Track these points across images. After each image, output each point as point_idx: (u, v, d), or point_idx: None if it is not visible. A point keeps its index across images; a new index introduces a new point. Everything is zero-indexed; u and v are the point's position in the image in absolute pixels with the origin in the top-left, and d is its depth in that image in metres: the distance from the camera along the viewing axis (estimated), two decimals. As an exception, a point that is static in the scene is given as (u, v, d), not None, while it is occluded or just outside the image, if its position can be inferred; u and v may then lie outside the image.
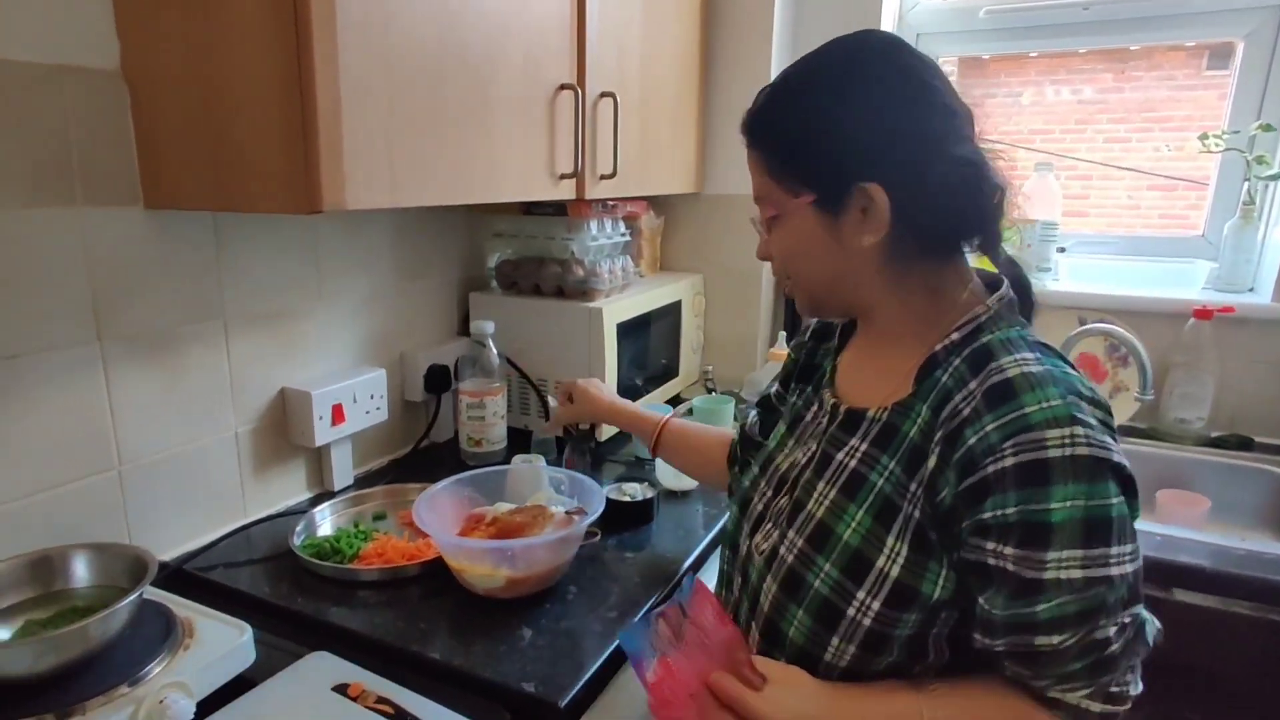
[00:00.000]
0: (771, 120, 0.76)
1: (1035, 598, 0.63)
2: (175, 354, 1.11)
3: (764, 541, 0.82)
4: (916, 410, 0.72)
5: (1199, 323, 1.58)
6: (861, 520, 0.72)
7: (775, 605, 0.76)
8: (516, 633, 0.97)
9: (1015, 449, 0.63)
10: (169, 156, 0.99)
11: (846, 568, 0.71)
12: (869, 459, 0.75)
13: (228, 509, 1.23)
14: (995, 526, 0.63)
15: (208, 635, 0.89)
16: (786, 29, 1.82)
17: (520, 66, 1.18)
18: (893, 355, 0.78)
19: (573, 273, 1.55)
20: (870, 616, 0.69)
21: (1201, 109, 1.82)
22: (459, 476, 1.17)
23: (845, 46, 0.75)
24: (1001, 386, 0.66)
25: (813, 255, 0.76)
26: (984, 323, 0.73)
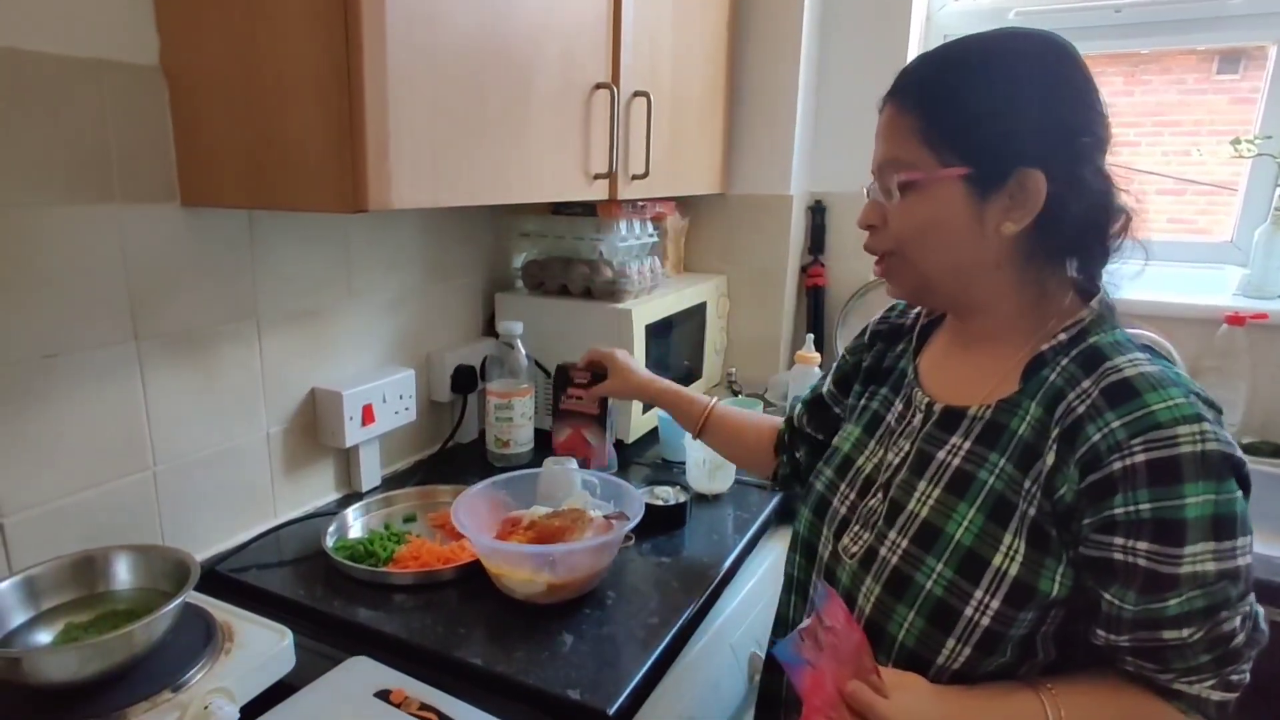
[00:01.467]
0: (940, 86, 0.73)
1: (1166, 593, 0.64)
2: (210, 353, 1.10)
3: (853, 544, 0.81)
4: (1024, 408, 0.73)
5: (1231, 329, 1.56)
6: (974, 519, 0.72)
7: (879, 607, 0.76)
8: (558, 638, 0.96)
9: (1145, 445, 0.63)
10: (207, 153, 0.98)
11: (961, 567, 0.71)
12: (975, 457, 0.75)
13: (259, 510, 1.21)
14: (1125, 523, 0.64)
15: (248, 639, 0.87)
16: (815, 30, 1.81)
17: (558, 64, 1.17)
18: (990, 354, 0.79)
19: (601, 273, 1.53)
20: (989, 616, 0.69)
21: (1212, 113, 1.81)
22: (493, 479, 1.16)
23: (1029, 36, 0.73)
24: (1121, 385, 0.67)
25: (944, 233, 0.73)
26: (1088, 325, 0.74)
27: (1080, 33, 1.80)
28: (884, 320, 0.98)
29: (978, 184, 0.71)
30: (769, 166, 1.85)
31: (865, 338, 0.99)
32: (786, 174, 1.83)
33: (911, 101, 0.74)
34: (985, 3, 1.85)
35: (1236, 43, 1.74)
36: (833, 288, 1.95)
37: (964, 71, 0.72)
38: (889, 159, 0.76)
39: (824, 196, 1.93)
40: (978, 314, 0.79)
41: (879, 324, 0.98)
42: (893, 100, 0.76)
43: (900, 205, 0.75)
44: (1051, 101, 0.70)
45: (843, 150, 1.89)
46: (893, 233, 0.77)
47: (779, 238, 1.88)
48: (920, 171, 0.73)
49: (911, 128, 0.73)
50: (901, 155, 0.74)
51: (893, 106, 0.76)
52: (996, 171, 0.70)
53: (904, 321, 0.95)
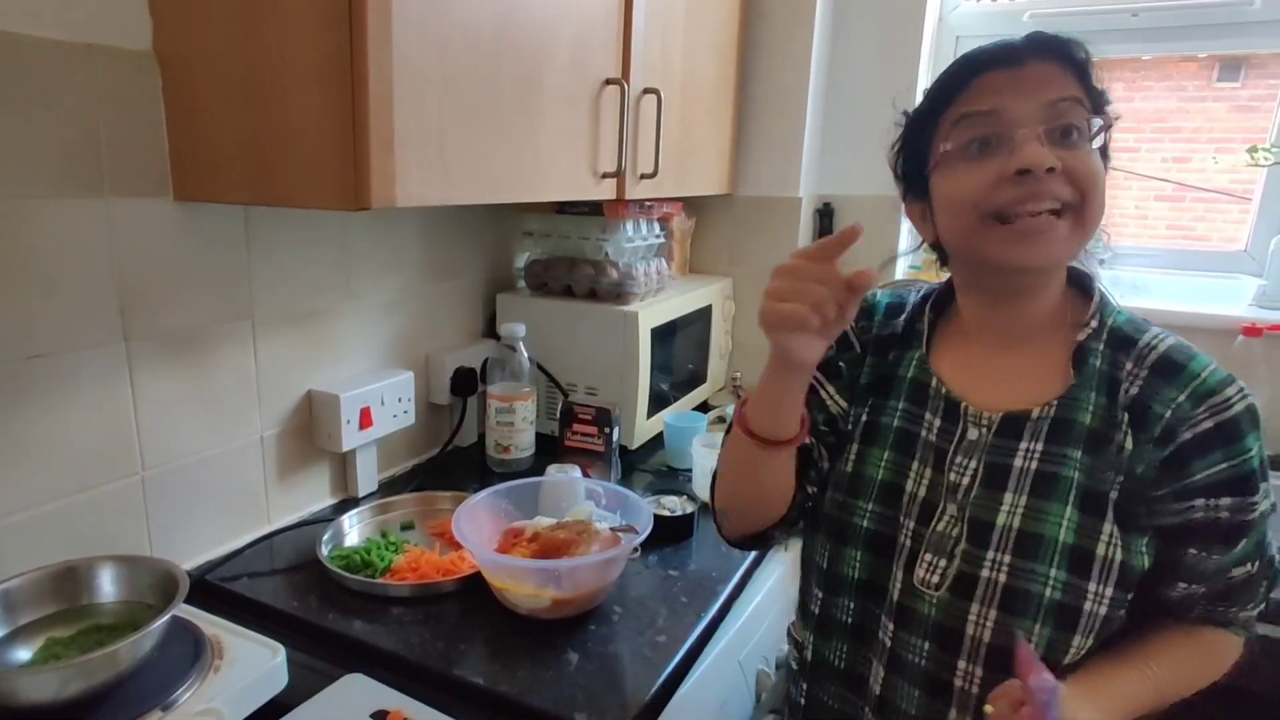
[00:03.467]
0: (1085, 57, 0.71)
1: (1241, 538, 0.72)
2: (203, 355, 1.06)
3: (932, 575, 0.76)
4: (1085, 399, 0.74)
5: (1248, 340, 1.54)
6: (1070, 516, 0.72)
7: (1000, 630, 0.73)
8: (562, 656, 0.92)
9: (1209, 412, 0.69)
10: (203, 145, 0.94)
11: (1071, 566, 0.71)
12: (1053, 456, 0.74)
13: (251, 516, 1.17)
14: (1205, 485, 0.70)
15: (238, 655, 0.83)
16: (826, 30, 1.78)
17: (569, 59, 1.13)
18: (1028, 352, 0.78)
19: (607, 274, 1.49)
20: (1105, 604, 0.72)
21: (1211, 121, 1.79)
22: (495, 488, 1.12)
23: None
24: (1165, 360, 0.72)
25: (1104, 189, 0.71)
26: (1102, 310, 0.77)
27: (1096, 36, 1.74)
28: (866, 329, 0.87)
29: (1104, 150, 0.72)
30: (777, 168, 1.81)
31: (856, 348, 0.87)
32: (795, 175, 1.80)
33: (1066, 61, 0.70)
34: (999, 4, 1.81)
35: (1255, 49, 1.71)
36: (840, 292, 1.91)
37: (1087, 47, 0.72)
38: (1069, 96, 0.69)
39: (832, 199, 1.89)
40: (1034, 300, 0.77)
41: (864, 333, 0.87)
42: (1039, 56, 0.70)
43: (1088, 151, 0.70)
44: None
45: (852, 152, 1.85)
46: (1076, 176, 0.69)
47: (786, 240, 1.84)
48: (1095, 116, 0.70)
49: (1073, 79, 0.71)
50: (1081, 96, 0.70)
51: (1041, 61, 0.70)
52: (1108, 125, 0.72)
53: (892, 330, 0.86)
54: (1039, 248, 0.70)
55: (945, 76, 0.74)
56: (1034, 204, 0.68)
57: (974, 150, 0.71)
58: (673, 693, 0.91)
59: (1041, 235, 0.69)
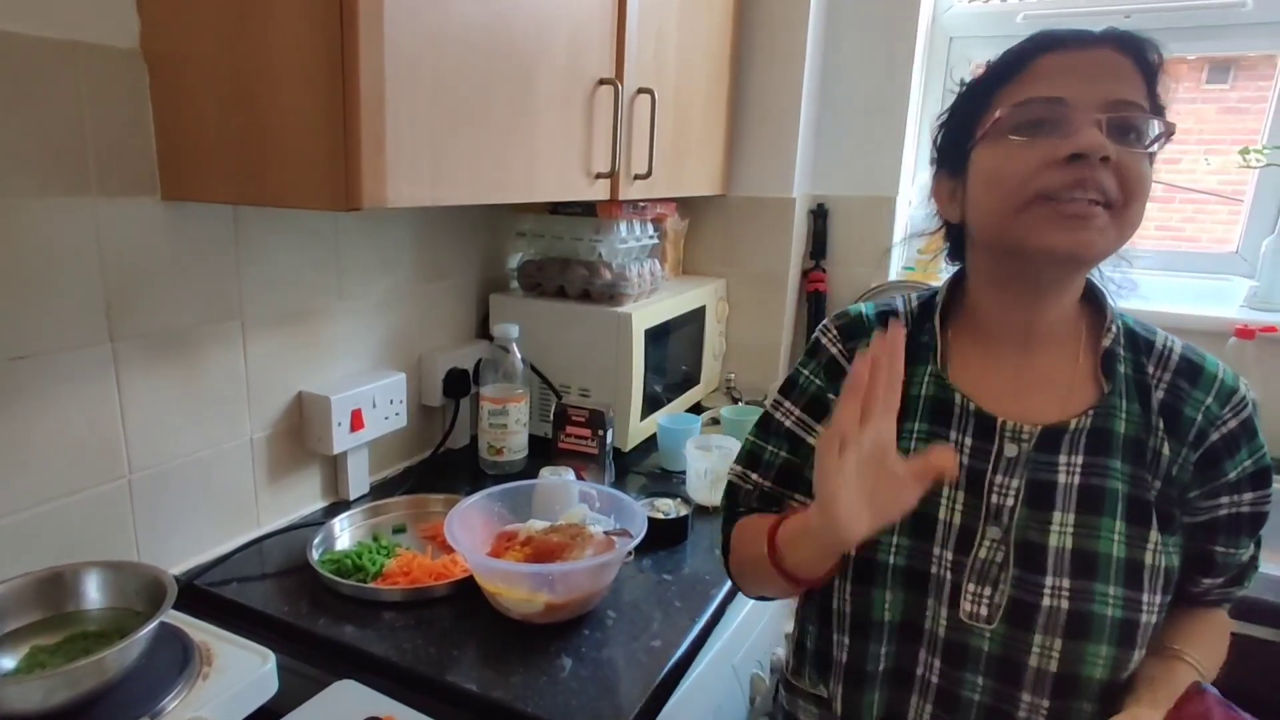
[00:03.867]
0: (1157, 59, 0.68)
1: (1260, 528, 0.76)
2: (191, 356, 1.04)
3: (978, 606, 0.72)
4: (1118, 407, 0.73)
5: (1241, 342, 1.54)
6: (1120, 529, 0.71)
7: (1070, 659, 0.69)
8: (556, 662, 0.91)
9: (1233, 411, 0.72)
10: (191, 144, 0.92)
11: (1127, 580, 0.71)
12: (1097, 469, 0.72)
13: (241, 520, 1.16)
14: (1233, 482, 0.73)
15: (227, 662, 0.82)
16: (820, 30, 1.77)
17: (563, 58, 1.12)
18: (1046, 359, 0.76)
19: (600, 275, 1.49)
20: (1156, 612, 0.72)
21: (1201, 122, 1.79)
22: (488, 491, 1.11)
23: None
24: (1185, 363, 0.74)
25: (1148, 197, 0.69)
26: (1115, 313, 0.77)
27: (1089, 38, 1.77)
28: (854, 337, 0.82)
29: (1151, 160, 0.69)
30: (771, 168, 1.81)
31: (843, 364, 0.82)
32: (789, 176, 1.79)
33: (1134, 58, 0.67)
34: (992, 6, 1.81)
35: (1247, 51, 1.72)
36: (834, 294, 1.91)
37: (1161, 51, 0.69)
38: (1132, 100, 0.67)
39: (826, 200, 1.89)
40: (1059, 299, 0.74)
41: (852, 342, 0.82)
42: (1112, 44, 0.67)
43: (1142, 155, 0.67)
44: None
45: (847, 152, 1.84)
46: (1126, 175, 0.66)
47: (780, 241, 1.84)
48: (1157, 124, 0.68)
49: (1141, 80, 0.68)
50: (1145, 102, 0.67)
51: (1113, 49, 0.67)
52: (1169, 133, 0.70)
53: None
54: (1080, 234, 0.66)
55: (1011, 51, 0.70)
56: (1081, 191, 0.65)
57: (1027, 129, 0.68)
58: (667, 698, 0.91)
59: (1084, 221, 0.66)
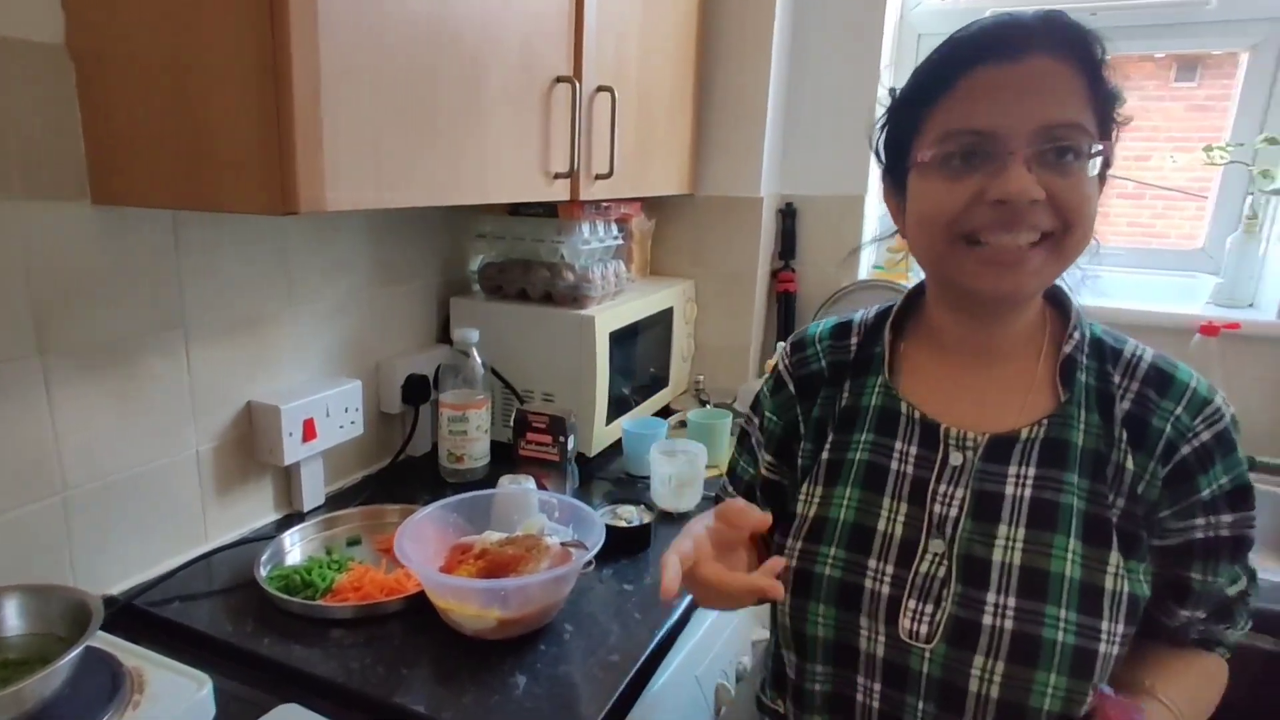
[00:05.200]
0: (1100, 50, 0.63)
1: (1243, 554, 0.70)
2: (129, 367, 1.00)
3: (919, 624, 0.68)
4: (1077, 417, 0.70)
5: (1205, 339, 1.54)
6: (1074, 548, 0.66)
7: (1012, 685, 0.65)
8: (510, 680, 0.88)
9: (1205, 423, 0.67)
10: (122, 146, 0.88)
11: (1082, 605, 0.65)
12: (1049, 481, 0.68)
13: (187, 535, 1.11)
14: (1208, 501, 0.67)
15: (161, 689, 0.79)
16: (787, 26, 1.75)
17: (517, 56, 1.09)
18: (1006, 369, 0.73)
19: (563, 277, 1.46)
20: (1118, 643, 0.66)
21: (1169, 120, 1.80)
22: (443, 502, 1.07)
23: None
24: (1154, 372, 0.69)
25: (1093, 221, 0.66)
26: (1080, 321, 0.74)
27: (1054, 36, 1.76)
28: (804, 362, 0.82)
29: (1103, 165, 0.66)
30: (739, 167, 1.79)
31: (791, 389, 0.82)
32: (756, 175, 1.77)
33: (1077, 58, 0.62)
34: (961, 3, 1.80)
35: (1209, 49, 1.72)
36: (804, 294, 1.89)
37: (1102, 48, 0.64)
38: (1069, 122, 0.62)
39: (795, 199, 1.87)
40: (1015, 317, 0.72)
41: (800, 367, 0.82)
42: (1047, 50, 0.62)
43: (1079, 180, 0.63)
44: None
45: (815, 151, 1.83)
46: (1062, 208, 0.63)
47: (749, 241, 1.82)
48: (1095, 138, 0.64)
49: (1082, 89, 0.62)
50: (1084, 120, 0.63)
51: (1048, 58, 0.62)
52: (1109, 158, 0.66)
53: (843, 357, 0.80)
54: (1008, 278, 0.65)
55: (935, 61, 0.66)
56: (1009, 235, 0.63)
57: (955, 164, 0.65)
58: (626, 713, 0.88)
59: (1012, 266, 0.64)
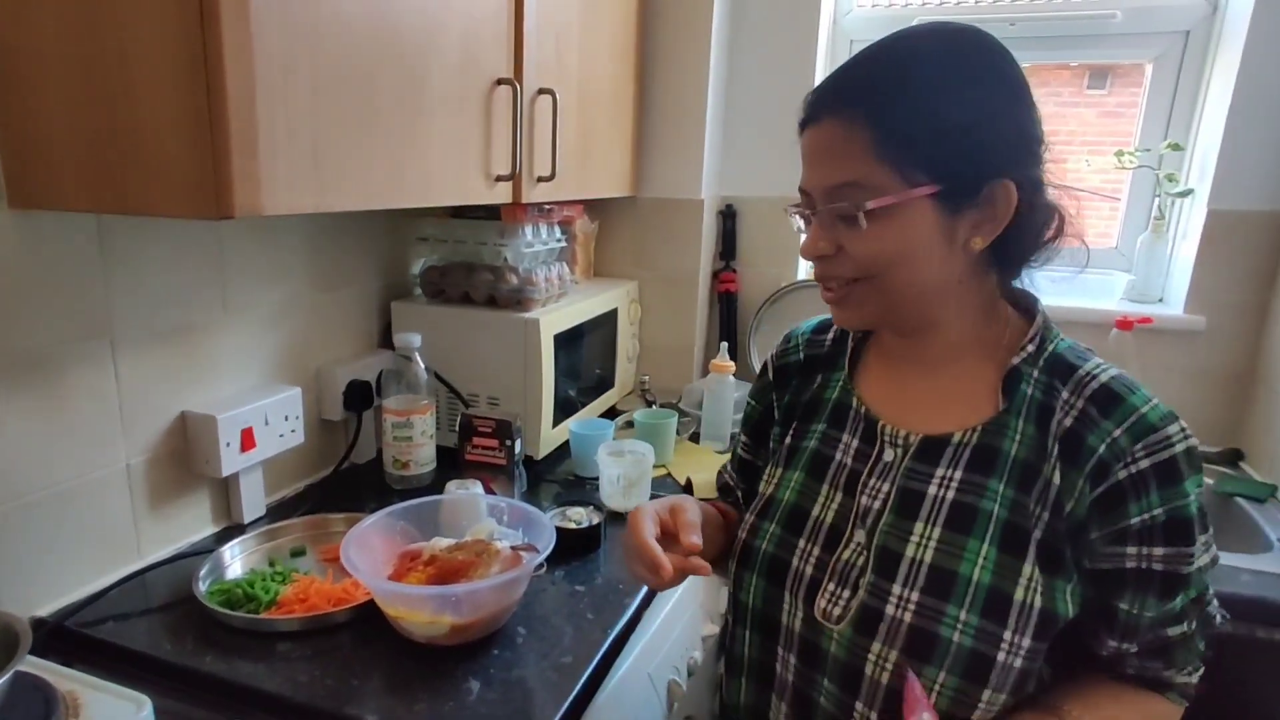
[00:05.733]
0: (898, 95, 0.65)
1: (1179, 593, 0.67)
2: (52, 378, 0.96)
3: (834, 607, 0.72)
4: (1013, 426, 0.70)
5: (1121, 333, 1.63)
6: (987, 554, 0.67)
7: (901, 674, 0.67)
8: (463, 685, 0.88)
9: (1146, 450, 0.64)
10: (40, 147, 0.84)
11: (985, 609, 0.66)
12: (972, 487, 0.69)
13: (118, 552, 1.07)
14: (1140, 530, 0.65)
15: (97, 712, 0.76)
16: (724, 31, 1.78)
17: (456, 58, 1.08)
18: (952, 375, 0.75)
19: (506, 280, 1.45)
20: (1022, 656, 0.66)
21: (1083, 125, 1.90)
22: (390, 509, 1.06)
23: (970, 34, 0.67)
24: (1104, 392, 0.67)
25: (917, 258, 0.67)
26: (1044, 334, 0.73)
27: (977, 44, 1.84)
28: (785, 354, 0.89)
29: (949, 200, 0.66)
30: (679, 170, 1.81)
31: (770, 376, 0.90)
32: (697, 177, 1.80)
33: (863, 112, 0.65)
34: (891, 10, 1.87)
35: (1117, 59, 1.82)
36: (745, 294, 1.93)
37: (922, 76, 0.65)
38: (845, 182, 0.67)
39: (734, 201, 1.91)
40: (934, 333, 0.74)
41: (781, 358, 0.89)
42: (834, 112, 0.67)
43: (866, 232, 0.67)
44: (1013, 106, 0.67)
45: (753, 154, 1.87)
46: (857, 260, 0.69)
47: (690, 243, 1.84)
48: (890, 195, 0.65)
49: (866, 144, 0.65)
50: (860, 177, 0.66)
51: (835, 120, 0.67)
52: (968, 186, 0.66)
53: (818, 351, 0.86)
54: (842, 313, 0.75)
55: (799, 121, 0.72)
56: (827, 280, 0.73)
57: (802, 220, 0.75)
58: (580, 715, 0.89)
59: (841, 303, 0.73)
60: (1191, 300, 1.66)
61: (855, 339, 0.84)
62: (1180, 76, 1.72)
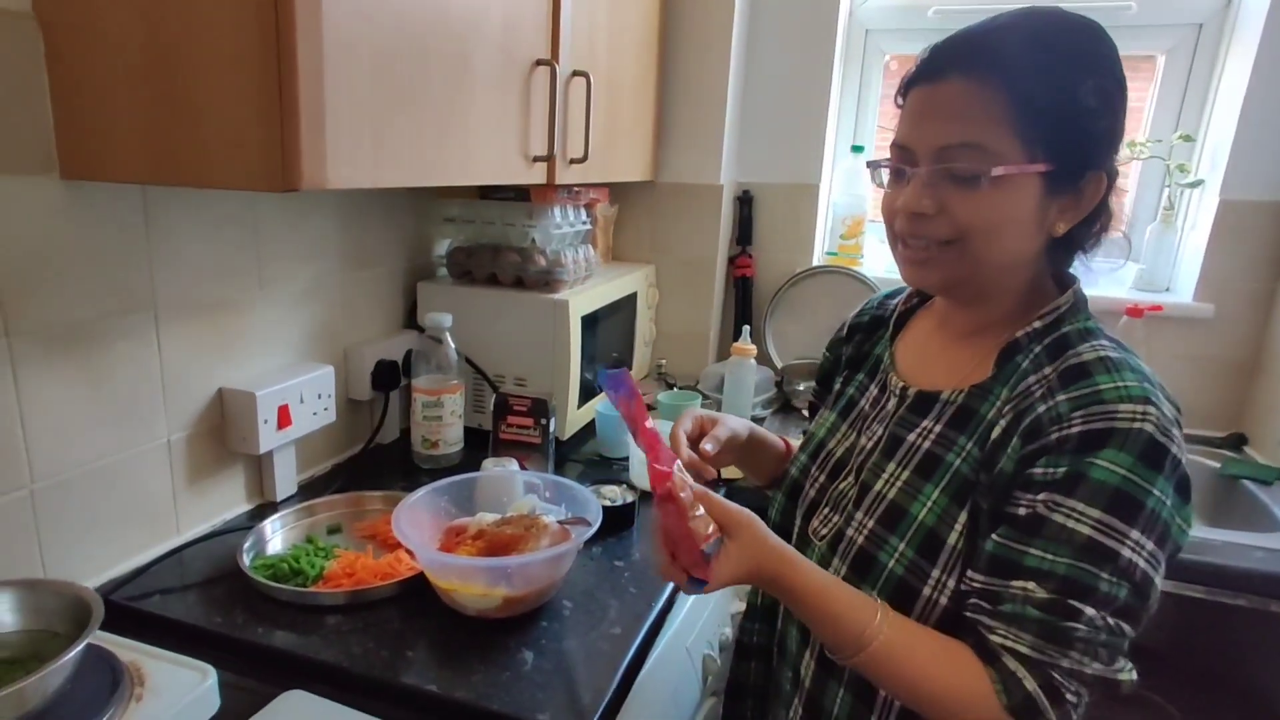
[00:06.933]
0: (1042, 69, 0.66)
1: (1032, 538, 0.64)
2: (99, 351, 0.95)
3: (822, 526, 0.81)
4: (995, 393, 0.73)
5: (1131, 320, 1.67)
6: (937, 500, 0.72)
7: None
8: (517, 657, 0.89)
9: (1084, 418, 0.63)
10: (96, 118, 0.84)
11: (921, 546, 0.71)
12: (944, 440, 0.74)
13: (159, 528, 1.07)
14: (1040, 481, 0.64)
15: (162, 681, 0.76)
16: (745, 19, 1.79)
17: (499, 37, 1.08)
18: (973, 342, 0.78)
19: (535, 262, 1.46)
20: (946, 595, 0.69)
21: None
22: (433, 485, 1.07)
23: (1093, 26, 0.69)
24: (1077, 368, 0.67)
25: (1010, 231, 0.69)
26: (1064, 314, 0.74)
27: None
28: (861, 313, 0.97)
29: (1055, 182, 0.68)
30: (699, 155, 1.82)
31: (844, 332, 0.98)
32: (716, 163, 1.81)
33: (1003, 78, 0.66)
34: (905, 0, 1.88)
35: (1130, 51, 1.84)
36: (761, 279, 1.94)
37: (1061, 57, 0.67)
38: (967, 142, 0.67)
39: (752, 187, 1.92)
40: (988, 304, 0.77)
41: (857, 317, 0.97)
42: (967, 72, 0.67)
43: (976, 196, 0.68)
44: (1122, 104, 0.69)
45: (771, 141, 1.88)
46: (959, 222, 0.69)
47: (708, 228, 1.86)
48: (1012, 164, 0.66)
49: (1000, 108, 0.66)
50: (987, 141, 0.66)
51: (967, 80, 0.67)
52: (1075, 172, 0.68)
53: (883, 312, 0.93)
54: (920, 272, 0.75)
55: (905, 77, 0.74)
56: (914, 240, 0.73)
57: (891, 174, 0.76)
58: (631, 684, 0.90)
59: (922, 264, 0.74)
60: (1201, 288, 1.69)
61: (910, 304, 0.90)
62: (1193, 68, 1.75)
